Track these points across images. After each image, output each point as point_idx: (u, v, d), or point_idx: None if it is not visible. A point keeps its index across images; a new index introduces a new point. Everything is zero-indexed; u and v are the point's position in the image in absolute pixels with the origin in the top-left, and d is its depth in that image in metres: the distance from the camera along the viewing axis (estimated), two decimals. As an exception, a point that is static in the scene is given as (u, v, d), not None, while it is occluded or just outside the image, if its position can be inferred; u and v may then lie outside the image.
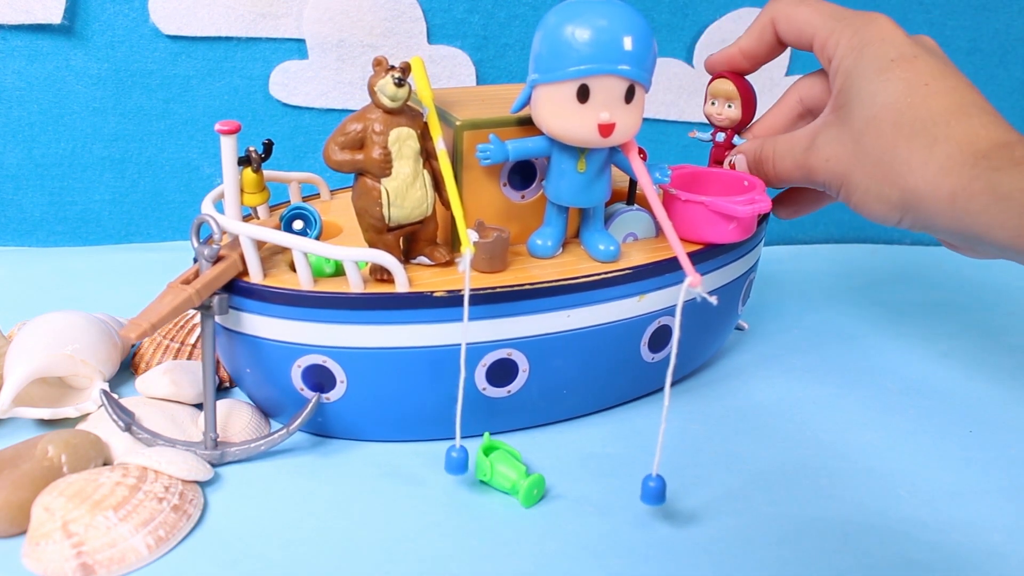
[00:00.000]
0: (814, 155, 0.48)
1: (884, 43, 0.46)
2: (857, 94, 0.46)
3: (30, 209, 0.72)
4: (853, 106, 0.46)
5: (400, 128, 0.43)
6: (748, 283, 0.56)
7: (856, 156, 0.46)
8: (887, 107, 0.45)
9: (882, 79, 0.45)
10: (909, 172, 0.44)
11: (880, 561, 0.41)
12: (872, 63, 0.46)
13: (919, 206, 0.44)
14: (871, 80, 0.46)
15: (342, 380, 0.45)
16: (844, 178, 0.47)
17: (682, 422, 0.51)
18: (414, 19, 0.71)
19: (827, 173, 0.48)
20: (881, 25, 0.47)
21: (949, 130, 0.43)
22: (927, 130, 0.43)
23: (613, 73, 0.42)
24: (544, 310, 0.45)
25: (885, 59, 0.46)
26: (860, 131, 0.46)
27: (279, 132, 0.73)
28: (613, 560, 0.40)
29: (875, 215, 0.46)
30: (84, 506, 0.39)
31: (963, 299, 0.71)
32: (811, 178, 0.49)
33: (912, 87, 0.45)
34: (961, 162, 0.42)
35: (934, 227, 0.44)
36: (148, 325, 0.39)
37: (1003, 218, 0.40)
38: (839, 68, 0.48)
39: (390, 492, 0.44)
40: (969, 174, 0.41)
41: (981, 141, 0.42)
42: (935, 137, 0.43)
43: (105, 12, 0.68)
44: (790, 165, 0.50)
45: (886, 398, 0.55)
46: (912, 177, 0.44)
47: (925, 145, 0.43)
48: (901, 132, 0.44)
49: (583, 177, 0.45)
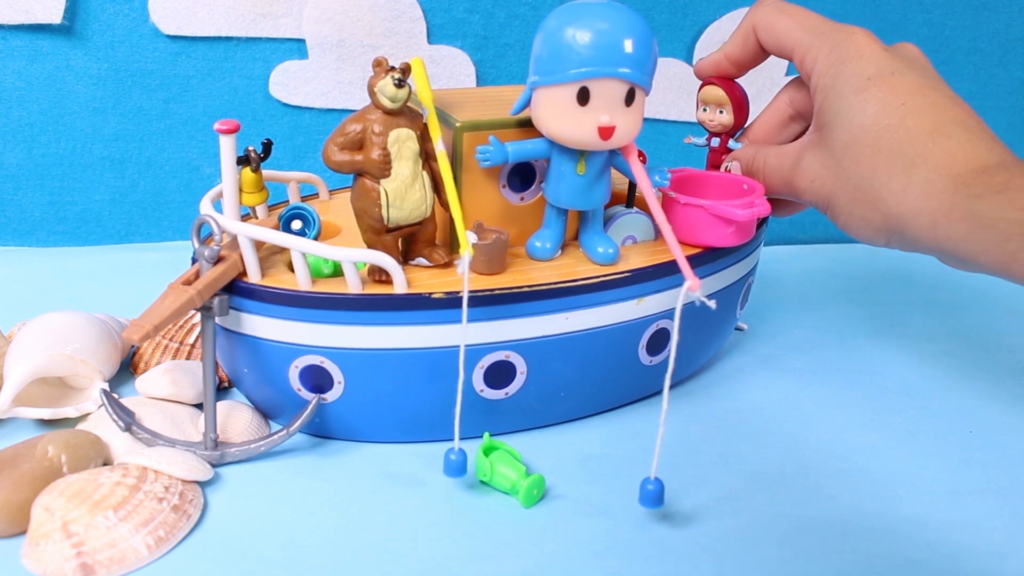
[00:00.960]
0: (799, 175, 0.49)
1: (861, 60, 0.46)
2: (836, 115, 0.46)
3: (30, 209, 0.72)
4: (833, 127, 0.47)
5: (400, 129, 0.43)
6: (747, 286, 0.56)
7: (838, 179, 0.46)
8: (865, 130, 0.45)
9: (859, 100, 0.45)
10: (890, 197, 0.44)
11: (880, 561, 0.41)
12: (849, 82, 0.46)
13: (903, 231, 0.44)
14: (849, 101, 0.46)
15: (340, 381, 0.45)
16: (829, 200, 0.48)
17: (682, 423, 0.51)
18: (414, 19, 0.71)
19: (812, 194, 0.49)
20: (858, 41, 0.47)
21: (927, 152, 0.43)
22: (904, 153, 0.43)
23: (613, 76, 0.42)
24: (543, 312, 0.45)
25: (862, 77, 0.45)
26: (840, 155, 0.46)
27: (279, 132, 0.73)
28: (613, 560, 0.40)
29: (862, 237, 0.47)
30: (84, 506, 0.39)
31: (963, 299, 0.71)
32: (798, 197, 0.50)
33: (889, 108, 0.44)
34: (941, 188, 0.42)
35: (918, 249, 0.45)
36: (151, 327, 0.39)
37: (986, 246, 0.40)
38: (818, 85, 0.48)
39: (390, 492, 0.44)
40: (949, 201, 0.41)
41: (959, 164, 0.42)
42: (912, 161, 0.43)
43: (105, 12, 0.68)
44: (778, 181, 0.51)
45: (886, 398, 0.55)
46: (893, 202, 0.44)
47: (903, 169, 0.43)
48: (879, 156, 0.44)
49: (582, 180, 0.45)
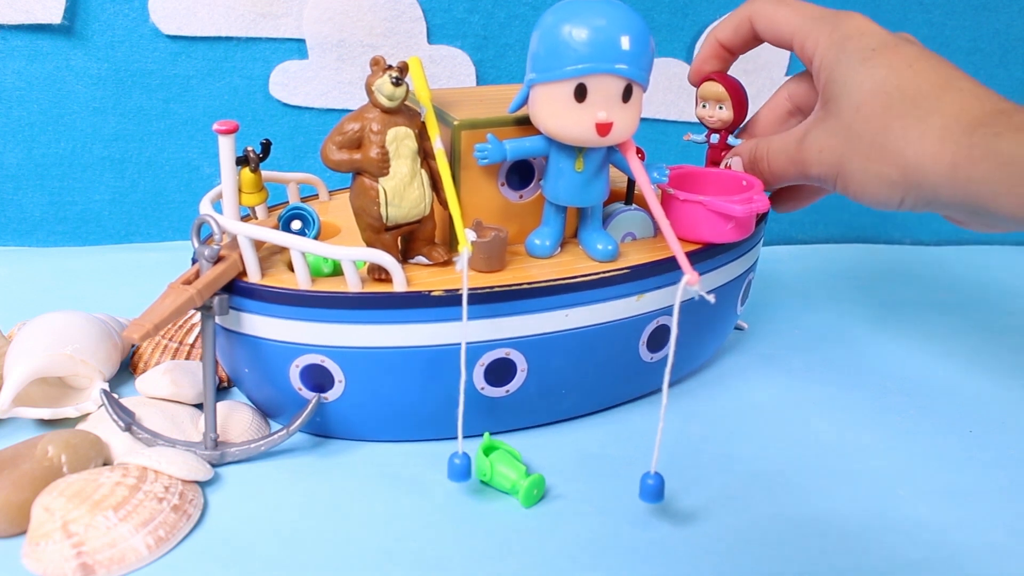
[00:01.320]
0: (806, 149, 0.48)
1: (863, 37, 0.46)
2: (843, 86, 0.46)
3: (30, 209, 0.72)
4: (841, 98, 0.46)
5: (398, 127, 0.43)
6: (747, 283, 0.56)
7: (849, 143, 0.46)
8: (875, 92, 0.45)
9: (866, 68, 0.45)
10: (907, 146, 0.43)
11: (880, 561, 0.41)
12: (854, 55, 0.46)
13: (921, 181, 0.43)
14: (855, 70, 0.46)
15: (340, 380, 0.45)
16: (839, 168, 0.47)
17: (682, 422, 0.51)
18: (414, 19, 0.71)
19: (820, 165, 0.48)
20: (858, 21, 0.47)
21: (940, 103, 0.43)
22: (918, 105, 0.43)
23: (610, 72, 0.42)
24: (542, 310, 0.45)
25: (867, 49, 0.46)
26: (850, 119, 0.46)
27: (279, 132, 0.73)
28: (613, 560, 0.40)
29: (876, 198, 0.46)
30: (84, 506, 0.39)
31: (963, 299, 0.71)
32: (805, 172, 0.49)
33: (896, 70, 0.44)
34: (959, 131, 0.41)
35: (937, 201, 0.43)
36: (151, 326, 0.39)
37: (1008, 185, 0.39)
38: (822, 64, 0.48)
39: (390, 492, 0.44)
40: (968, 142, 0.41)
41: (975, 110, 0.42)
42: (927, 111, 0.43)
43: (105, 12, 0.68)
44: (784, 162, 0.50)
45: (886, 398, 0.55)
46: (910, 151, 0.43)
47: (918, 120, 0.43)
48: (892, 112, 0.44)
49: (581, 176, 0.45)
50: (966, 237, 0.84)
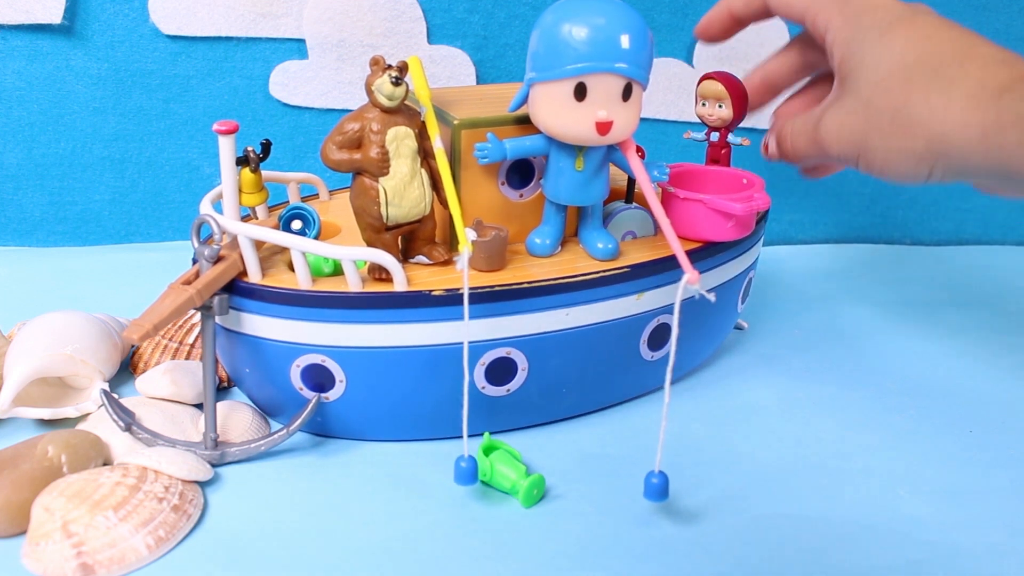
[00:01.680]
0: (825, 128, 0.47)
1: (878, 11, 0.45)
2: (860, 62, 0.45)
3: (30, 209, 0.72)
4: (858, 74, 0.45)
5: (398, 127, 0.43)
6: (747, 281, 0.56)
7: (869, 119, 0.45)
8: (894, 65, 0.44)
9: (884, 42, 0.44)
10: (931, 117, 0.42)
11: (880, 561, 0.41)
12: (870, 30, 0.45)
13: (949, 151, 0.42)
14: (872, 44, 0.45)
15: (341, 379, 0.45)
16: (860, 145, 0.46)
17: (682, 421, 0.51)
18: (414, 19, 0.71)
19: (841, 143, 0.47)
20: None
21: (963, 71, 0.42)
22: (940, 76, 0.42)
23: (610, 71, 0.42)
24: (543, 308, 0.45)
25: (883, 24, 0.45)
26: (870, 94, 0.45)
27: (279, 132, 0.73)
28: (613, 560, 0.40)
29: (902, 173, 0.45)
30: (84, 506, 0.39)
31: (963, 299, 0.71)
32: (826, 151, 0.48)
33: (915, 42, 0.44)
34: (985, 98, 0.41)
35: (966, 170, 0.43)
36: (151, 326, 0.39)
37: None
38: (836, 40, 0.47)
39: (390, 492, 0.44)
40: (995, 108, 0.40)
41: (1001, 76, 0.41)
42: (950, 80, 0.42)
43: (105, 12, 0.68)
44: (805, 143, 0.49)
45: (886, 398, 0.55)
46: (936, 121, 0.42)
47: (941, 90, 0.42)
48: (913, 84, 0.43)
49: (581, 175, 0.45)
50: (966, 237, 0.84)
